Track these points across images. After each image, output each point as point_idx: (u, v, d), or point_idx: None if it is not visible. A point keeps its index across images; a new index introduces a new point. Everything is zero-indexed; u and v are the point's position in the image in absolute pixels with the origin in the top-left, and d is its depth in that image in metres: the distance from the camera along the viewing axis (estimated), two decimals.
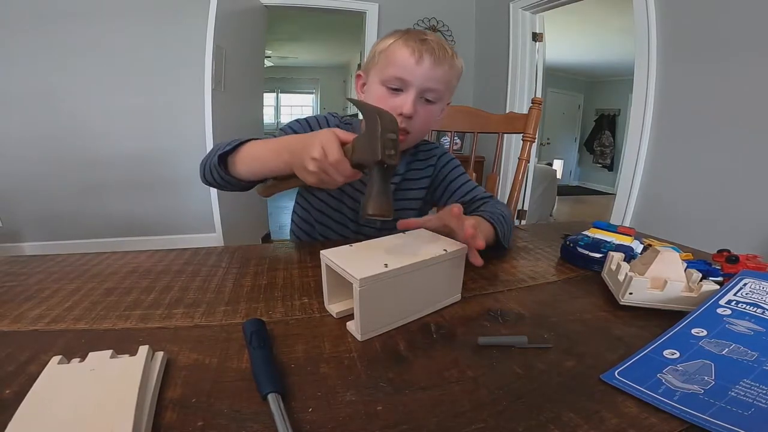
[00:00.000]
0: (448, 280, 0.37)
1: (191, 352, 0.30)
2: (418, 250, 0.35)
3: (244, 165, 0.48)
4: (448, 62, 0.54)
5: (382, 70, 0.55)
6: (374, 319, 0.32)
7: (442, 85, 0.55)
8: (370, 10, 2.39)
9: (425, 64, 0.52)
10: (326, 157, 0.37)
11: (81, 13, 1.82)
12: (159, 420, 0.23)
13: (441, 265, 0.35)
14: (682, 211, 1.37)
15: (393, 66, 0.53)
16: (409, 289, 0.34)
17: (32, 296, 0.38)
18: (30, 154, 1.91)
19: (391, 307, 0.33)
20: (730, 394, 0.24)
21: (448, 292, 0.38)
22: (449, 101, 0.62)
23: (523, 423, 0.23)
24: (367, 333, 0.32)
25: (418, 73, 0.53)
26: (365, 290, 0.30)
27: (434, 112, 0.58)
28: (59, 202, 2.01)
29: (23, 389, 0.23)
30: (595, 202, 4.72)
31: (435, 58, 0.53)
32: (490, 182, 0.91)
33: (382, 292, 0.32)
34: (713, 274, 0.42)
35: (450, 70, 0.55)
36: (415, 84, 0.53)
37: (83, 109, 1.94)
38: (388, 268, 0.31)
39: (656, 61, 1.42)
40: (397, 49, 0.53)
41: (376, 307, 0.32)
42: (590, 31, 3.51)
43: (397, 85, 0.54)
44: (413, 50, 0.52)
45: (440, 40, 0.56)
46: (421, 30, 0.57)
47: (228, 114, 2.05)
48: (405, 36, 0.54)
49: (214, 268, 0.46)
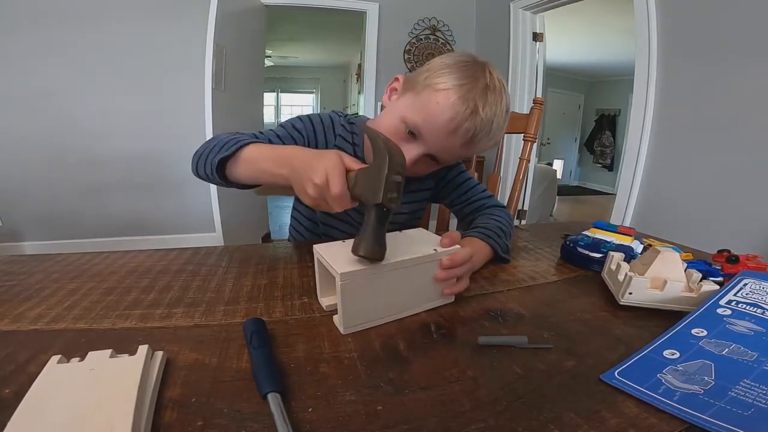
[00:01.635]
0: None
1: (191, 351, 0.30)
2: (407, 249, 0.36)
3: (240, 169, 0.45)
4: (483, 141, 0.47)
5: (413, 105, 0.47)
6: (357, 314, 0.33)
7: (457, 158, 0.51)
8: (371, 10, 2.39)
9: (456, 140, 0.46)
10: (328, 188, 0.34)
11: (81, 14, 1.83)
12: (159, 419, 0.23)
13: (430, 265, 0.36)
14: (683, 211, 1.37)
15: (423, 113, 0.46)
16: (395, 286, 0.34)
17: (32, 296, 0.38)
18: (30, 154, 1.91)
19: (376, 303, 0.34)
20: (730, 394, 0.24)
21: (440, 291, 0.38)
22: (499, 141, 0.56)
23: (523, 423, 0.23)
24: (350, 327, 0.33)
25: (441, 140, 0.46)
26: (346, 284, 0.31)
27: (433, 167, 0.53)
28: (59, 202, 2.01)
29: (23, 388, 0.23)
30: (595, 202, 4.72)
31: (469, 138, 0.46)
32: (491, 182, 0.91)
33: (364, 288, 0.32)
34: (713, 274, 0.42)
35: (476, 147, 0.48)
36: (431, 146, 0.47)
37: (83, 109, 1.94)
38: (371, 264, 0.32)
39: (656, 61, 1.42)
40: (441, 99, 0.45)
41: (359, 302, 0.32)
42: (591, 32, 3.51)
43: (413, 131, 0.47)
44: (453, 117, 0.44)
45: (497, 110, 0.46)
46: (487, 86, 0.45)
47: (228, 113, 2.06)
48: (463, 89, 0.45)
49: (214, 268, 0.46)
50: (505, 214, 0.58)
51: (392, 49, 2.49)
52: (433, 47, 2.57)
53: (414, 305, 0.37)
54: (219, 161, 0.44)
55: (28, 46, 1.79)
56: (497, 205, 0.62)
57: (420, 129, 0.47)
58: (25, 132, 1.88)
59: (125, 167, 2.06)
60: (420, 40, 2.54)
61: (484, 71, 0.47)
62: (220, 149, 0.45)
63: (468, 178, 0.65)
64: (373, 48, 2.41)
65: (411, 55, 2.54)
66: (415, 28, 2.51)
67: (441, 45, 2.58)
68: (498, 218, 0.55)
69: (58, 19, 1.80)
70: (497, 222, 0.54)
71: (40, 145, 1.91)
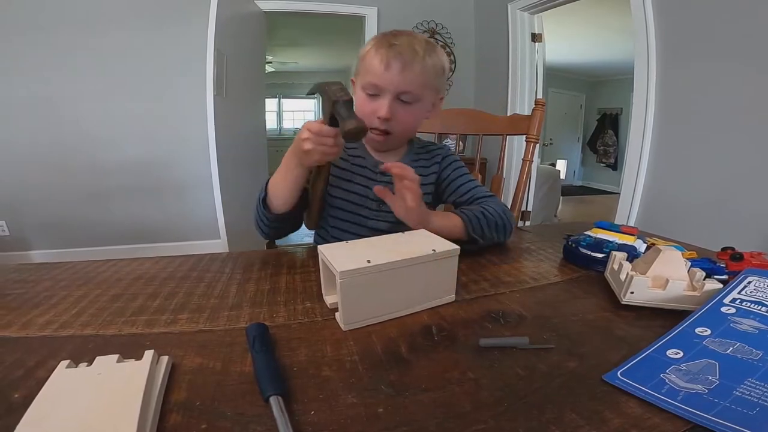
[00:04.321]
0: (438, 280, 0.38)
1: (195, 356, 0.30)
2: (407, 249, 0.36)
3: (275, 192, 0.54)
4: (419, 63, 0.55)
5: (361, 77, 0.58)
6: (358, 311, 0.34)
7: (415, 87, 0.56)
8: (369, 14, 2.41)
9: (394, 70, 0.54)
10: (311, 132, 0.46)
11: (83, 21, 1.86)
12: (164, 423, 0.23)
13: (429, 264, 0.36)
14: (687, 209, 1.35)
15: (368, 73, 0.56)
16: (394, 285, 0.35)
17: (40, 303, 0.39)
18: (36, 162, 1.94)
19: (376, 301, 0.34)
20: (734, 393, 0.24)
21: (439, 292, 0.38)
22: (441, 96, 0.63)
23: (525, 424, 0.23)
24: (351, 323, 0.34)
25: (388, 79, 0.55)
26: (346, 282, 0.32)
27: (415, 112, 0.59)
28: (66, 210, 2.04)
29: (32, 393, 0.23)
30: (599, 201, 4.68)
31: (403, 62, 0.54)
32: (494, 184, 0.91)
33: (364, 286, 0.33)
34: (717, 272, 0.42)
35: (422, 72, 0.56)
36: (389, 89, 0.55)
37: (87, 117, 1.96)
38: (369, 263, 0.33)
39: (656, 59, 1.41)
40: (370, 56, 0.56)
41: (359, 300, 0.33)
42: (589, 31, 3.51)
43: (373, 91, 0.56)
44: (381, 57, 0.54)
45: (413, 40, 0.56)
46: (395, 32, 0.58)
47: (230, 120, 2.08)
48: (377, 42, 0.56)
49: (218, 274, 0.47)
50: (500, 206, 0.59)
51: None
52: None
53: (414, 304, 0.37)
54: (262, 201, 0.55)
55: (30, 54, 1.82)
56: (491, 196, 0.63)
57: (371, 83, 0.56)
58: (30, 140, 1.91)
59: (130, 174, 2.08)
60: None
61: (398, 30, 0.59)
62: (257, 200, 0.56)
63: (463, 174, 0.67)
64: None
65: None
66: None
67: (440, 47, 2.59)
68: (486, 208, 0.57)
69: (61, 27, 1.84)
70: (482, 210, 0.56)
71: (45, 154, 1.94)
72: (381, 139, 0.60)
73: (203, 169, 2.09)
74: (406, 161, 0.66)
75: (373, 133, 0.59)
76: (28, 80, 1.85)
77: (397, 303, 0.36)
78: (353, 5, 2.39)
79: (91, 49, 1.90)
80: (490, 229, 0.55)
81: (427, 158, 0.67)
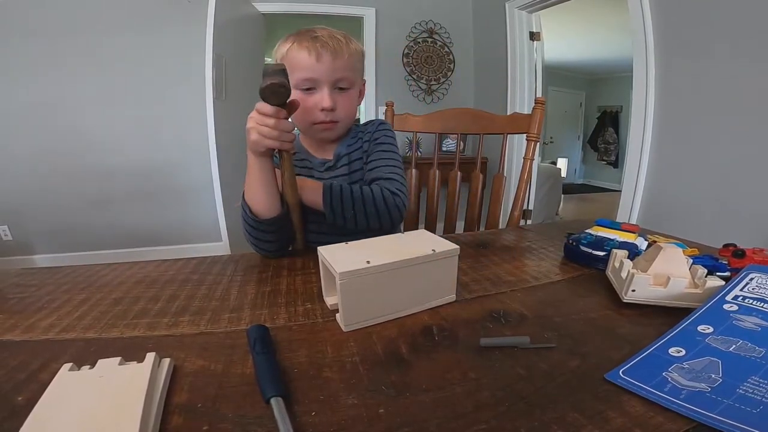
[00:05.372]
0: (438, 280, 0.38)
1: (197, 358, 0.30)
2: (407, 249, 0.36)
3: (252, 196, 0.52)
4: (346, 50, 0.57)
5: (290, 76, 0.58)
6: (357, 312, 0.34)
7: (348, 72, 0.58)
8: (368, 15, 2.42)
9: (326, 60, 0.55)
10: (252, 118, 0.46)
11: (81, 27, 1.87)
12: (165, 424, 0.23)
13: (428, 265, 0.36)
14: (688, 206, 1.35)
15: (296, 69, 0.56)
16: (394, 286, 0.35)
17: (43, 307, 0.39)
18: (38, 167, 1.95)
19: (375, 302, 0.34)
20: (737, 391, 0.24)
21: (440, 292, 0.38)
22: (364, 80, 0.66)
23: (527, 424, 0.23)
24: (351, 324, 0.34)
25: (322, 69, 0.56)
26: (346, 283, 0.32)
27: (352, 96, 0.61)
28: (68, 215, 2.05)
29: (35, 395, 0.23)
30: (601, 199, 4.67)
31: (332, 51, 0.56)
32: (496, 183, 0.91)
33: (364, 287, 0.33)
34: (720, 269, 0.42)
35: (350, 57, 0.58)
36: (324, 79, 0.56)
37: (88, 122, 1.98)
38: (369, 264, 0.33)
39: (654, 56, 1.41)
40: (295, 53, 0.56)
41: (359, 301, 0.33)
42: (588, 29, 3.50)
43: (308, 85, 0.57)
44: (309, 50, 0.55)
45: (330, 31, 0.58)
46: (310, 28, 0.59)
47: (230, 122, 2.08)
48: (297, 38, 0.57)
49: (219, 277, 0.47)
50: (385, 186, 0.57)
51: (390, 53, 2.51)
52: (431, 50, 2.58)
53: (414, 304, 0.37)
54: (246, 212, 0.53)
55: (30, 59, 1.83)
56: (388, 178, 0.60)
57: (304, 78, 0.56)
58: (32, 146, 1.92)
59: (131, 178, 2.10)
60: (418, 43, 2.55)
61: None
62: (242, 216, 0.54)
63: (379, 150, 0.64)
64: (371, 53, 2.44)
65: (409, 58, 2.55)
66: (412, 32, 2.53)
67: (439, 47, 2.59)
68: (370, 187, 0.57)
69: (60, 33, 1.85)
70: (361, 187, 0.56)
71: (47, 159, 1.95)
72: (330, 129, 0.60)
73: (204, 172, 2.10)
74: (344, 147, 0.66)
75: (321, 127, 0.59)
76: (29, 85, 1.86)
77: (398, 303, 0.36)
78: (351, 6, 2.39)
79: (92, 54, 1.91)
80: (354, 208, 0.54)
81: (358, 137, 0.68)
